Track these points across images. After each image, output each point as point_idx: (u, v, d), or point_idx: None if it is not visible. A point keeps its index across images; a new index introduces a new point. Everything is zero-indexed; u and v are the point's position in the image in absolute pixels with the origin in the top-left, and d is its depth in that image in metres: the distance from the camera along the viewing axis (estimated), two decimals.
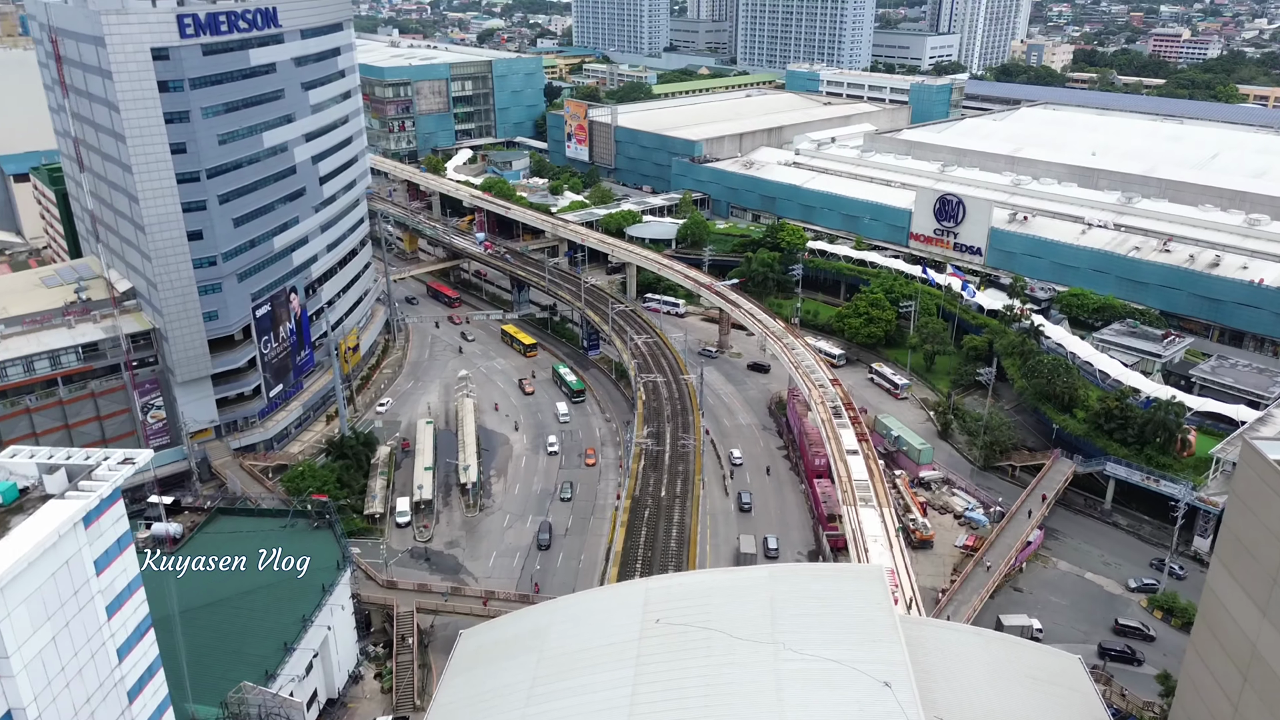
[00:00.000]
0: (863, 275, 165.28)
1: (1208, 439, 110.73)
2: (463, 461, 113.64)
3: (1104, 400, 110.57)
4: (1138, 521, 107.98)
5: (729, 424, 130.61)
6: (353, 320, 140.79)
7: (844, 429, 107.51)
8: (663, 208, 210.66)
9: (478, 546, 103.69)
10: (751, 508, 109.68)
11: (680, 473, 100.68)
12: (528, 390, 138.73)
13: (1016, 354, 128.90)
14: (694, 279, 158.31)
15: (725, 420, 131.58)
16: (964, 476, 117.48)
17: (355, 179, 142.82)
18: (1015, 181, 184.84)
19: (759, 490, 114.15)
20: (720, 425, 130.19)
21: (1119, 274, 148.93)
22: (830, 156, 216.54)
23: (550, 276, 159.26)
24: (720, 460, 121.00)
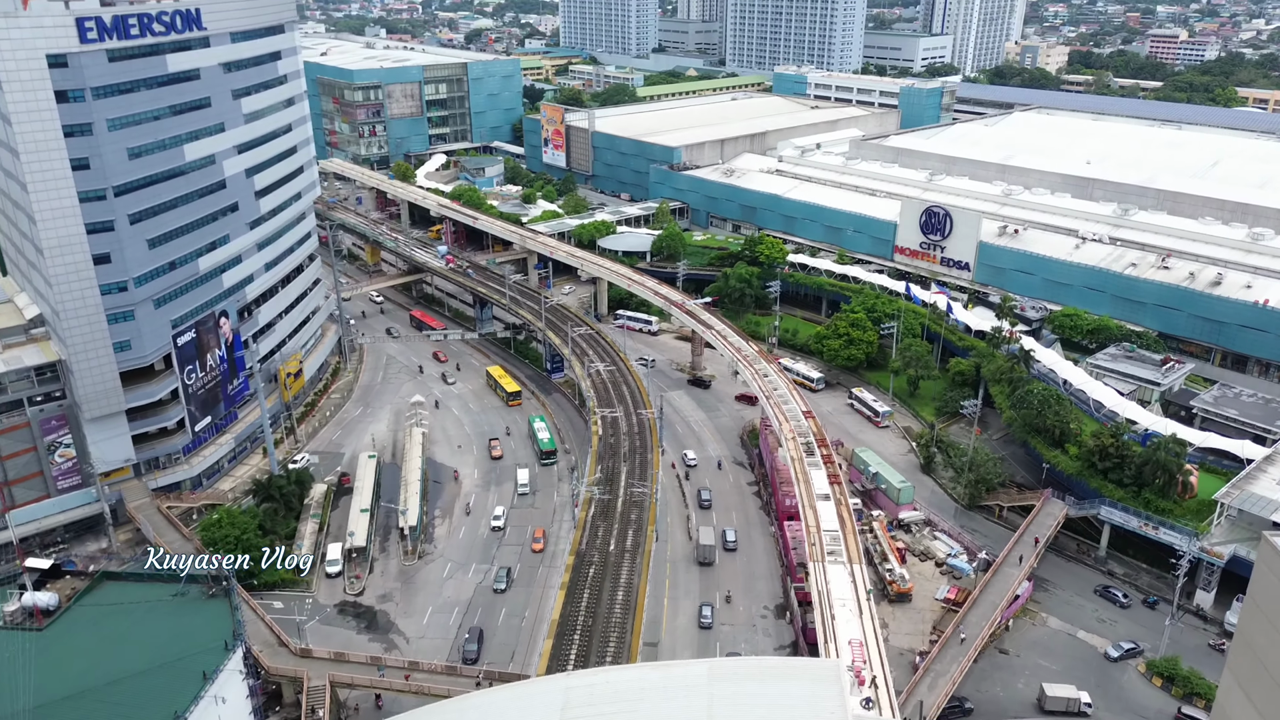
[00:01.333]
0: (845, 291, 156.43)
1: (1210, 478, 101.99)
2: (402, 503, 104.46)
3: (1098, 436, 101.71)
4: (1135, 570, 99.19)
5: (698, 456, 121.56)
6: (296, 343, 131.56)
7: (815, 469, 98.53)
8: (639, 217, 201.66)
9: (413, 600, 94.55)
10: (714, 554, 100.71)
11: (634, 522, 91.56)
12: (495, 454, 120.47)
13: (1004, 381, 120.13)
14: (664, 296, 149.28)
15: (694, 451, 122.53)
16: (947, 518, 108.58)
17: (301, 191, 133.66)
18: (1006, 191, 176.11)
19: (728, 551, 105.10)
20: (686, 464, 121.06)
21: (1115, 292, 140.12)
22: (814, 164, 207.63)
23: (511, 293, 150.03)
24: (686, 498, 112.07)
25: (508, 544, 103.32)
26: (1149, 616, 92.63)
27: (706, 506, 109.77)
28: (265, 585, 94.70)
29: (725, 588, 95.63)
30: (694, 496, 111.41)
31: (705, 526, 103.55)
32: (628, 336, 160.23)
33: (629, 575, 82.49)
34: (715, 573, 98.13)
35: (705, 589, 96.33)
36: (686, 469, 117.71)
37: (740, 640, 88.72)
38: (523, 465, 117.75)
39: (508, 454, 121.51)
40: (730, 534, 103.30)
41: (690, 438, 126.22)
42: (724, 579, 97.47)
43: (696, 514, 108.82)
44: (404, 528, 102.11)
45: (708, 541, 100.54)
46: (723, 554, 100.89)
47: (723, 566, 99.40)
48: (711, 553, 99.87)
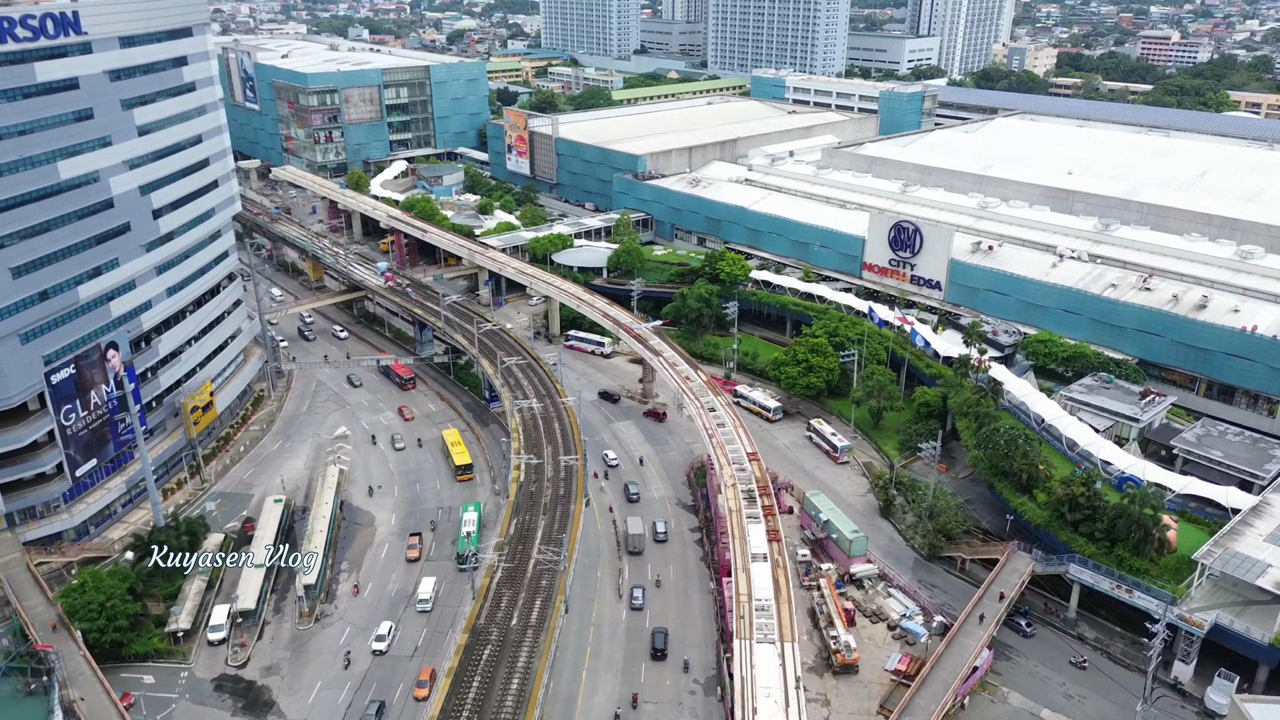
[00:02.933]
0: (809, 312, 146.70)
1: (1192, 529, 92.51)
2: (303, 561, 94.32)
3: (1068, 484, 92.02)
4: (1108, 635, 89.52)
5: (640, 495, 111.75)
6: (207, 372, 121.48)
7: (754, 524, 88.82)
8: (600, 229, 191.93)
9: (302, 673, 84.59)
10: (645, 609, 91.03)
11: (542, 590, 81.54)
12: (410, 555, 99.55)
13: (971, 415, 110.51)
14: (613, 318, 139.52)
15: (652, 617, 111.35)
16: (905, 571, 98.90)
17: (215, 207, 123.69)
18: (983, 204, 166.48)
19: (660, 590, 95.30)
20: (628, 498, 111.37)
21: (1093, 315, 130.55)
22: (784, 173, 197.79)
23: (448, 314, 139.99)
24: (619, 546, 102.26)
25: (388, 671, 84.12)
26: (1121, 692, 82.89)
27: (636, 552, 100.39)
28: (137, 656, 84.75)
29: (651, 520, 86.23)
30: (625, 543, 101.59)
31: (633, 517, 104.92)
32: (578, 359, 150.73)
33: (529, 658, 72.47)
34: (644, 639, 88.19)
35: (632, 654, 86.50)
36: (626, 509, 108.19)
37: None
38: (430, 574, 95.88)
39: (424, 555, 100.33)
40: (661, 525, 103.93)
41: (633, 473, 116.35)
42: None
43: (629, 564, 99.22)
44: (304, 585, 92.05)
45: (636, 531, 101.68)
46: (653, 615, 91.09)
47: (653, 627, 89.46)
48: (641, 541, 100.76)
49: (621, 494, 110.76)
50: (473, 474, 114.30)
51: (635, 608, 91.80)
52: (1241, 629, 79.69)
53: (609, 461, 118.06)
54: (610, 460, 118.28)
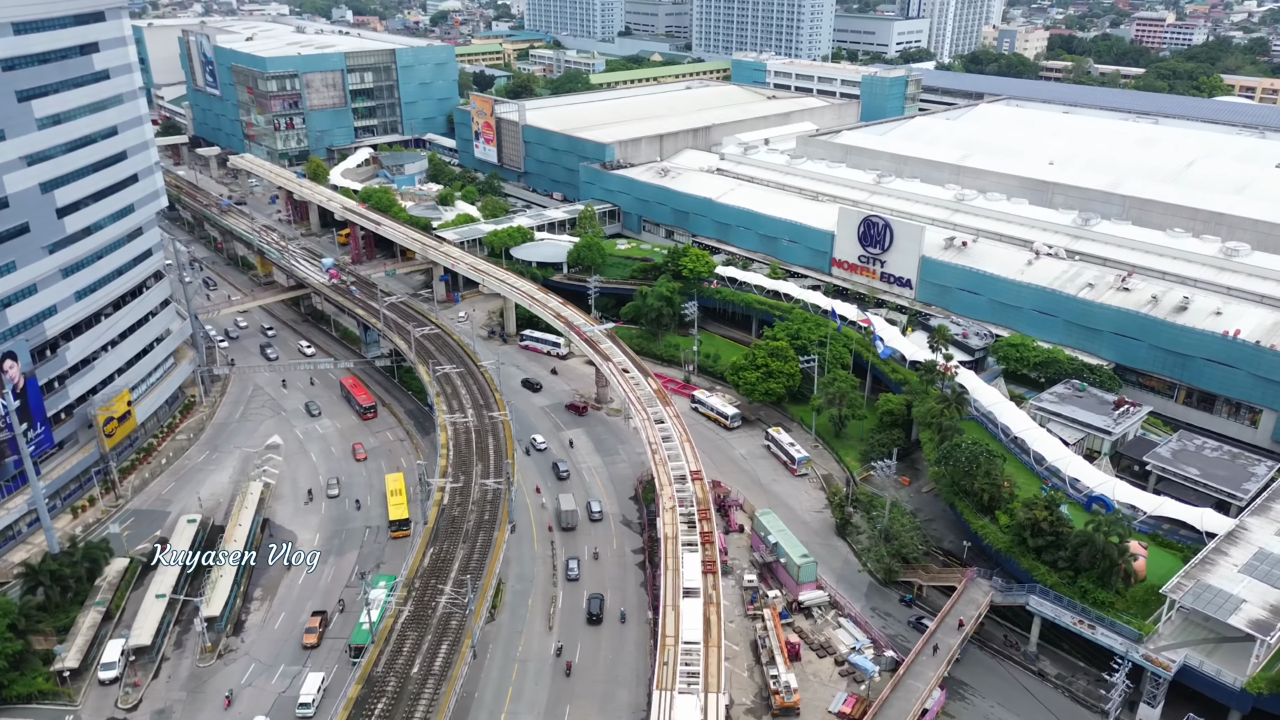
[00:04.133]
0: (775, 311, 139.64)
1: (1164, 555, 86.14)
2: (208, 590, 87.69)
3: (1030, 507, 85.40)
4: (1071, 671, 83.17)
5: (582, 513, 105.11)
6: (127, 380, 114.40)
7: (690, 552, 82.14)
8: (565, 222, 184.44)
9: (195, 718, 78.00)
10: (575, 654, 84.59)
11: (451, 632, 74.67)
12: (307, 641, 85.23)
13: (934, 426, 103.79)
14: (565, 319, 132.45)
15: (579, 509, 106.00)
16: (858, 598, 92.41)
17: (134, 203, 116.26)
18: (959, 196, 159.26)
19: (589, 651, 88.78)
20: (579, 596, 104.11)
21: (1068, 317, 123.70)
22: (757, 163, 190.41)
23: (387, 315, 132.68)
24: (556, 571, 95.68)
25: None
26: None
27: (574, 579, 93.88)
28: (19, 698, 78.15)
29: (578, 697, 79.37)
30: (562, 568, 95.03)
31: (565, 494, 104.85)
32: (533, 360, 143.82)
33: (425, 712, 65.79)
34: (568, 681, 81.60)
35: (556, 695, 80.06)
36: (562, 530, 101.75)
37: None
38: (327, 663, 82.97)
39: (332, 632, 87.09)
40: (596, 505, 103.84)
41: (578, 488, 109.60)
42: (580, 681, 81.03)
43: (564, 589, 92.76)
44: (203, 617, 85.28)
45: (569, 507, 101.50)
46: (583, 647, 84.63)
47: (583, 669, 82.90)
48: (574, 518, 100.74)
49: (557, 519, 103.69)
50: (409, 530, 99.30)
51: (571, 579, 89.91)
52: (1212, 671, 73.34)
53: (560, 473, 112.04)
54: (562, 471, 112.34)
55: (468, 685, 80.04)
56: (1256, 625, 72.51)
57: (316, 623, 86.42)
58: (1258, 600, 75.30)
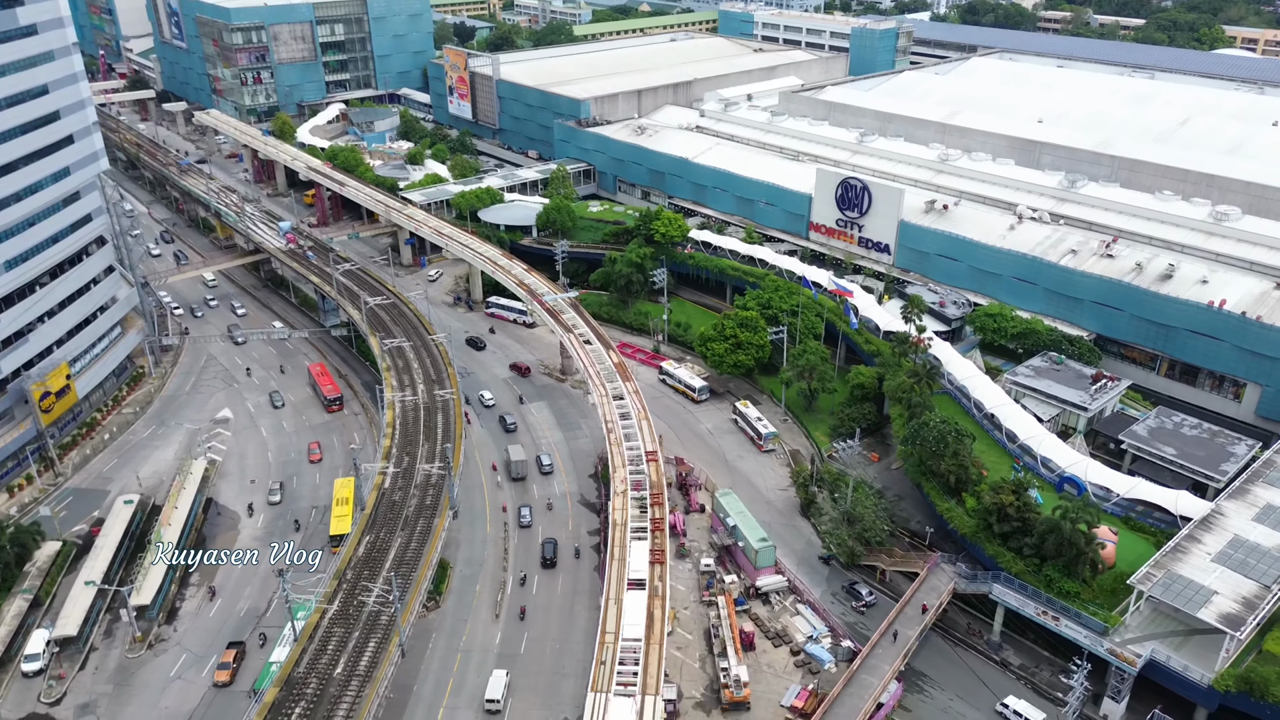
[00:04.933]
0: (749, 277, 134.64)
1: (1136, 539, 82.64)
2: (140, 576, 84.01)
3: (997, 491, 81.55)
4: (1035, 661, 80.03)
5: (539, 493, 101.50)
6: (66, 352, 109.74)
7: (638, 541, 78.41)
8: (537, 182, 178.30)
9: (119, 713, 74.83)
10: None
11: (380, 628, 70.90)
12: (219, 679, 76.77)
13: (903, 401, 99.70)
14: (528, 286, 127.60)
15: (535, 489, 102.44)
16: (819, 583, 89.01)
17: (69, 166, 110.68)
18: (943, 157, 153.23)
19: (543, 606, 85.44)
20: (528, 493, 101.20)
21: (1049, 286, 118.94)
22: (737, 120, 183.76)
23: (342, 281, 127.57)
24: (507, 554, 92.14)
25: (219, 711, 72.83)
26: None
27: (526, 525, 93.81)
28: None
29: (517, 687, 76.24)
30: (517, 550, 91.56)
31: (514, 445, 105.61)
32: (500, 329, 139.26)
33: (346, 715, 62.28)
34: (514, 662, 78.40)
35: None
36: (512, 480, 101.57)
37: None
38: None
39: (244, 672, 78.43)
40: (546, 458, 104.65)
41: (533, 468, 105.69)
42: (522, 674, 77.77)
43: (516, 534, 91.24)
44: (133, 606, 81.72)
45: (519, 458, 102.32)
46: (530, 642, 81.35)
47: (530, 652, 79.71)
48: (524, 468, 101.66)
49: (522, 496, 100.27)
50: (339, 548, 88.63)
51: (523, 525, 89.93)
52: (1179, 666, 70.11)
53: (508, 426, 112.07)
54: (509, 424, 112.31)
55: (405, 677, 77.10)
56: (1227, 620, 69.10)
57: (230, 656, 77.48)
58: (1230, 592, 71.85)
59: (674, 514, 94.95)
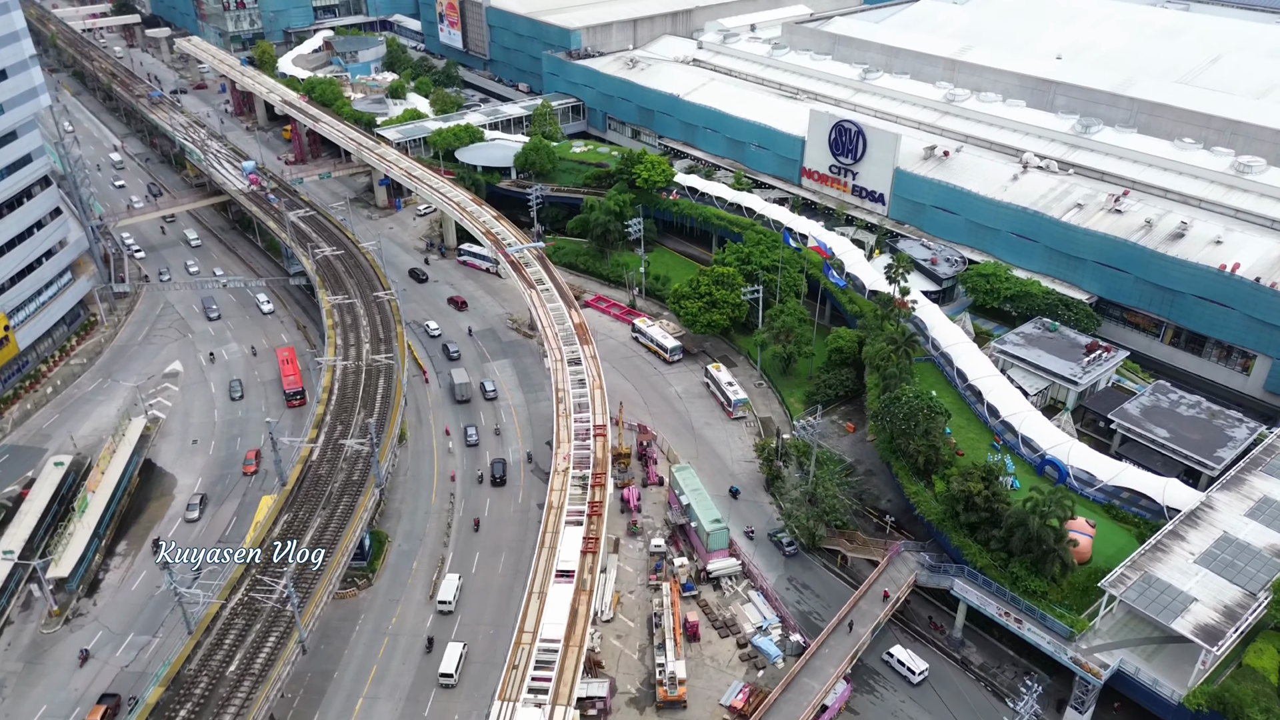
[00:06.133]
0: (734, 227, 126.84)
1: (1116, 531, 76.43)
2: (59, 546, 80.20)
3: (966, 477, 75.16)
4: (998, 660, 74.73)
5: (493, 458, 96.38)
6: (7, 300, 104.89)
7: (574, 526, 73.15)
8: (522, 119, 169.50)
9: (26, 696, 71.59)
10: (454, 612, 77.33)
11: (284, 620, 66.20)
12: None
13: (879, 370, 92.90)
14: (495, 235, 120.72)
15: (490, 452, 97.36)
16: (776, 567, 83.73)
17: (1, 104, 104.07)
18: (949, 97, 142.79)
19: (481, 588, 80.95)
20: (481, 460, 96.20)
21: (1049, 243, 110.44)
22: (736, 53, 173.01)
23: (300, 227, 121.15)
24: (451, 527, 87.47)
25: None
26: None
27: (473, 444, 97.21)
28: None
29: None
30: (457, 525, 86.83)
31: (458, 369, 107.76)
32: (469, 278, 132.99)
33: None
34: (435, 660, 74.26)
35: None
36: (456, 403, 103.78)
37: None
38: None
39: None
40: (490, 384, 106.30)
41: (487, 435, 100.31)
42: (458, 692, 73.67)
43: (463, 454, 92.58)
44: (51, 578, 78.08)
45: (462, 380, 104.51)
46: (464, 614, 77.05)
47: (463, 629, 75.47)
48: (468, 390, 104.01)
49: (475, 464, 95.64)
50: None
51: (443, 609, 78.25)
52: (1149, 679, 64.55)
53: (451, 354, 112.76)
54: (453, 353, 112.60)
55: (327, 663, 73.36)
56: (1203, 632, 63.11)
57: (99, 714, 67.71)
58: (1210, 599, 65.73)
59: (629, 488, 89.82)
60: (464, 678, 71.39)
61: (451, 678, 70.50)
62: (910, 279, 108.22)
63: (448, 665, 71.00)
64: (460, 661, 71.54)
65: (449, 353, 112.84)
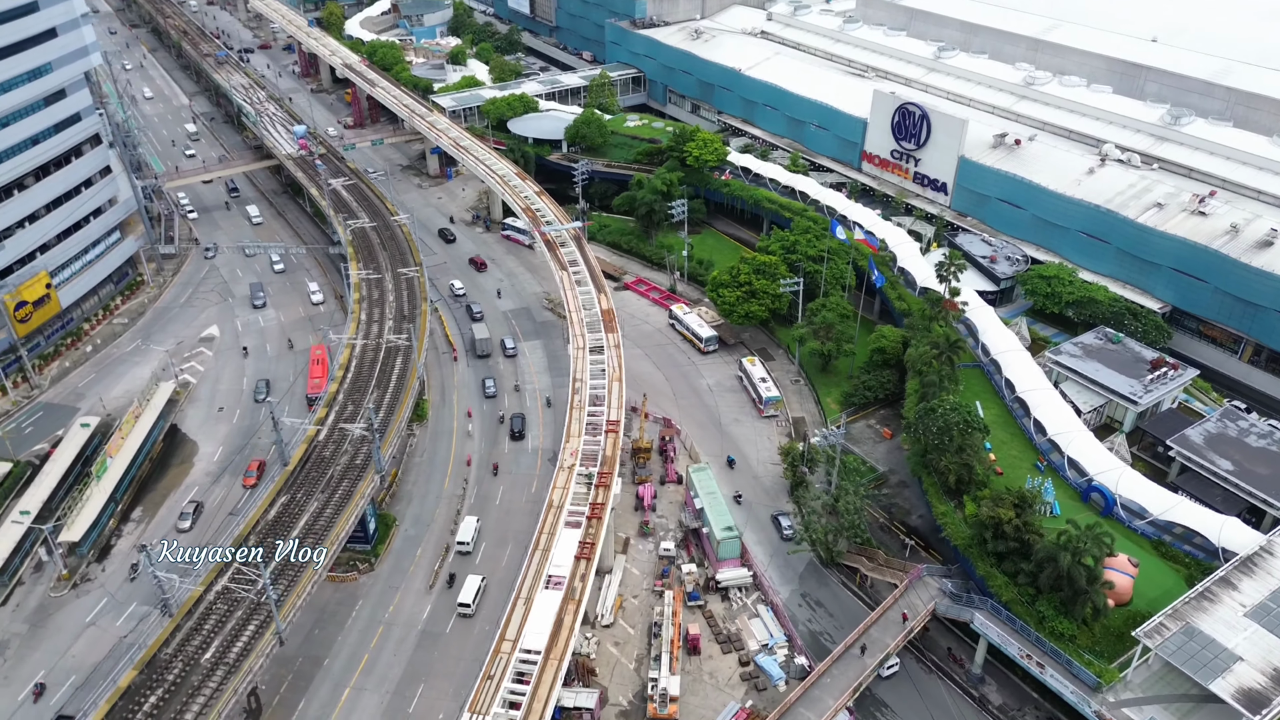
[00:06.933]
0: (786, 212, 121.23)
1: (1163, 570, 69.95)
2: (73, 511, 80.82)
3: (997, 503, 69.50)
4: (1019, 702, 69.41)
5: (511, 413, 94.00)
6: (49, 260, 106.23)
7: (571, 528, 70.12)
8: (579, 89, 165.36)
9: (27, 658, 72.35)
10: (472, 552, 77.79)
11: (264, 609, 64.83)
12: None
13: (920, 376, 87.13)
14: (534, 212, 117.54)
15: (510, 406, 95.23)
16: (790, 580, 79.50)
17: (50, 62, 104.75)
18: (1029, 80, 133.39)
19: (499, 531, 78.88)
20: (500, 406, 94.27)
21: (1121, 245, 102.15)
22: (805, 26, 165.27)
23: (343, 194, 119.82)
24: (460, 514, 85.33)
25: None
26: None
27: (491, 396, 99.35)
28: None
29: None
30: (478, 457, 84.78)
31: (479, 324, 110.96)
32: (510, 253, 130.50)
33: (201, 709, 56.92)
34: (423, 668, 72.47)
35: (414, 671, 71.29)
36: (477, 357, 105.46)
37: None
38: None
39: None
40: (510, 341, 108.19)
41: (507, 391, 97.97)
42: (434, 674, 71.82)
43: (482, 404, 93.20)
44: (63, 542, 78.82)
45: (483, 335, 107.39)
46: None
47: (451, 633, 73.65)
48: (488, 345, 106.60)
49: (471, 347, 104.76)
50: None
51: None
52: None
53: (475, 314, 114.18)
54: (476, 313, 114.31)
55: (319, 649, 72.37)
56: (1246, 697, 56.91)
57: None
58: (1259, 659, 59.29)
59: (646, 485, 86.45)
60: (480, 609, 74.38)
61: (469, 607, 73.72)
62: (966, 277, 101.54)
63: (465, 596, 74.27)
64: (478, 593, 74.66)
65: (472, 313, 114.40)
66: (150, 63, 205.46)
